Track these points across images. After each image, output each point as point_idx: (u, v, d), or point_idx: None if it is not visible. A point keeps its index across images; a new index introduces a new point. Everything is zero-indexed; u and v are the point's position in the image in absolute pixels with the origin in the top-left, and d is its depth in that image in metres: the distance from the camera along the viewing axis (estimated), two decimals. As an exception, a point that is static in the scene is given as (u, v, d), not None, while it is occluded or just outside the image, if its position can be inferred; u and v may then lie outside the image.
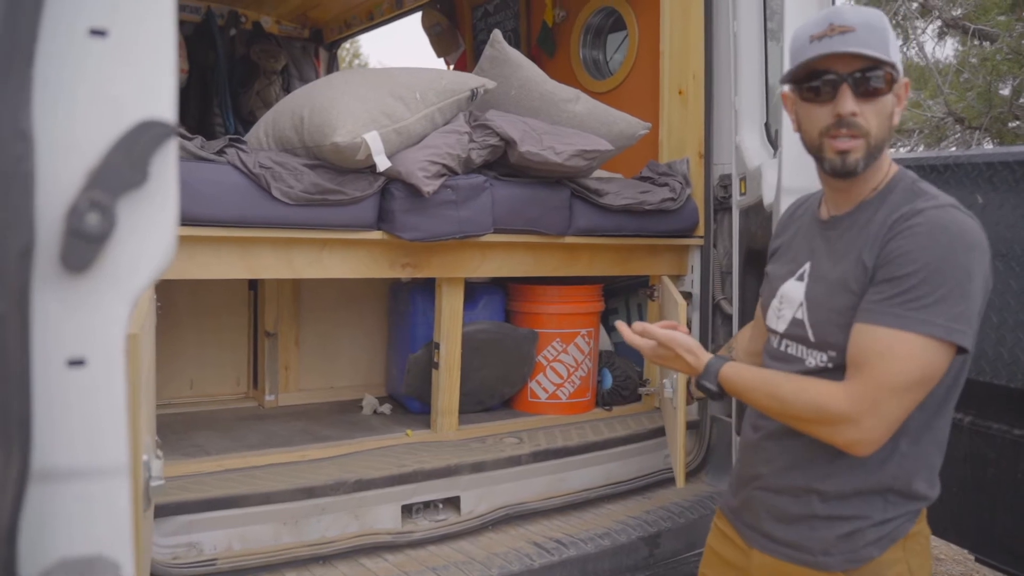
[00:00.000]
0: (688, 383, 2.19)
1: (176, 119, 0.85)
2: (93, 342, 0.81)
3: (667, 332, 1.67)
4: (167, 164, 0.83)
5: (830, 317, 1.51)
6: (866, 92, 1.45)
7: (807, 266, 1.60)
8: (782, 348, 1.63)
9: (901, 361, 1.35)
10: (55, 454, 0.81)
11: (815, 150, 1.52)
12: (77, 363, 0.80)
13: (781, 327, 1.63)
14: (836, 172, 1.50)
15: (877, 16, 1.47)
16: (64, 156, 0.80)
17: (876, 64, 1.43)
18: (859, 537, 1.47)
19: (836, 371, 1.47)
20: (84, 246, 0.78)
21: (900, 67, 1.47)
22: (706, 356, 1.62)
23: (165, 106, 0.84)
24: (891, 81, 1.46)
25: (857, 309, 1.44)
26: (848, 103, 1.44)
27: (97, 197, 0.78)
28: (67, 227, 0.77)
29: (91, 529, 0.86)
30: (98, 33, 0.81)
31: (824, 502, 1.50)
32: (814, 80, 1.47)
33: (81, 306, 0.80)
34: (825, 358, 1.52)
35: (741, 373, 1.56)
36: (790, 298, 1.62)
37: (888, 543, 1.47)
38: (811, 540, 1.51)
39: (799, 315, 1.58)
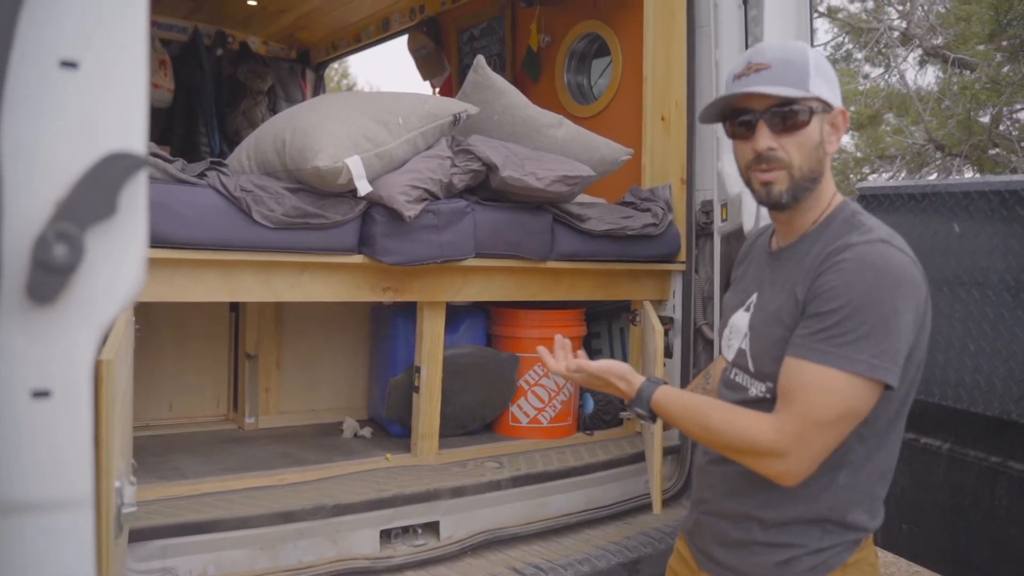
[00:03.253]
0: None
1: (147, 150, 0.85)
2: (58, 373, 0.81)
3: (600, 363, 1.67)
4: (136, 196, 0.83)
5: (766, 348, 1.54)
6: (785, 127, 1.47)
7: (754, 297, 1.63)
8: (731, 376, 1.65)
9: (825, 396, 1.37)
10: (18, 487, 0.81)
11: (745, 183, 1.56)
12: (42, 394, 0.80)
13: (730, 356, 1.67)
14: (763, 203, 1.55)
15: (798, 51, 1.49)
16: (32, 187, 0.80)
17: (792, 99, 1.45)
18: (795, 564, 1.49)
19: (775, 401, 1.49)
20: (50, 277, 0.77)
21: (832, 97, 1.49)
22: (639, 381, 1.62)
23: (136, 138, 0.84)
24: (813, 112, 1.48)
25: (787, 338, 1.47)
26: (763, 140, 1.47)
27: (65, 228, 0.77)
28: (34, 258, 0.77)
29: (54, 561, 0.86)
30: (69, 65, 0.81)
31: (763, 529, 1.52)
32: (735, 118, 1.52)
33: (46, 337, 0.79)
34: (764, 388, 1.55)
35: (673, 400, 1.57)
36: (738, 328, 1.65)
37: (824, 571, 1.48)
38: (751, 565, 1.54)
39: (743, 345, 1.61)
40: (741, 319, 1.65)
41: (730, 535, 1.58)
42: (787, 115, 1.47)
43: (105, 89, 0.83)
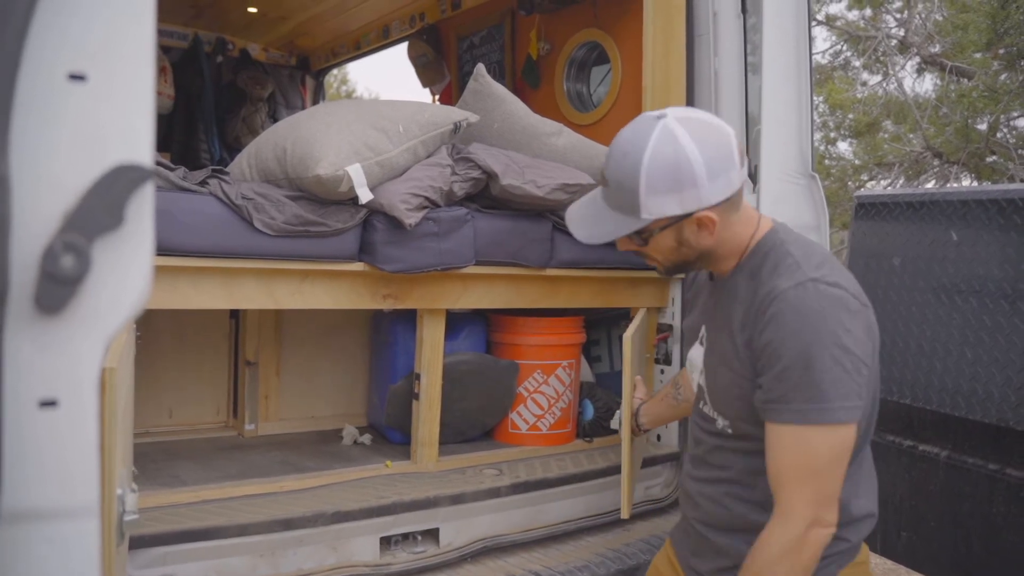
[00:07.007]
0: (633, 416, 2.24)
1: (153, 163, 0.86)
2: (65, 383, 0.81)
3: None
4: (143, 207, 0.83)
5: (719, 390, 1.59)
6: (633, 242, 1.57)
7: (704, 331, 1.67)
8: (700, 407, 1.71)
9: (810, 454, 1.41)
10: (25, 496, 0.81)
11: None
12: (49, 404, 0.81)
13: (694, 387, 1.74)
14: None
15: (630, 173, 1.46)
16: (41, 198, 0.81)
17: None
18: None
19: (735, 438, 1.56)
20: (58, 288, 0.78)
21: (677, 207, 1.46)
22: None
23: (143, 149, 0.85)
24: (652, 233, 1.51)
25: (737, 383, 1.51)
26: (620, 244, 1.57)
27: (72, 240, 0.78)
28: (42, 269, 0.78)
29: (60, 570, 0.86)
30: (77, 78, 0.82)
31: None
32: None
33: (53, 347, 0.80)
34: (722, 423, 1.60)
35: None
36: (695, 363, 1.71)
37: None
38: None
39: (701, 382, 1.67)
40: (697, 354, 1.69)
41: (709, 554, 1.66)
42: (630, 237, 1.53)
43: (112, 101, 0.84)
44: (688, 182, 1.43)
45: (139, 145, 0.85)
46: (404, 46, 5.08)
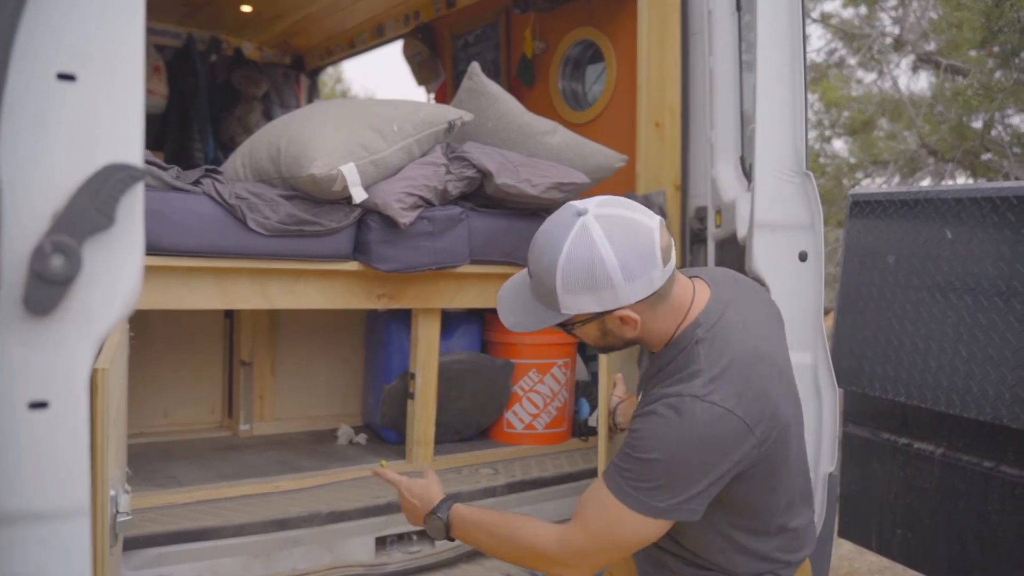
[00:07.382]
0: (611, 414, 2.25)
1: (143, 162, 0.86)
2: (56, 385, 0.81)
3: (394, 476, 1.86)
4: (134, 207, 0.83)
5: None
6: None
7: (643, 392, 1.70)
8: None
9: (615, 526, 1.48)
10: (16, 497, 0.81)
11: None
12: (39, 405, 0.80)
13: None
14: None
15: (548, 271, 1.48)
16: (30, 199, 0.80)
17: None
18: None
19: None
20: (48, 289, 0.78)
21: (596, 305, 1.48)
22: (439, 497, 1.75)
23: (132, 149, 0.85)
24: (575, 324, 1.55)
25: None
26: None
27: (62, 240, 0.78)
28: (31, 270, 0.77)
29: (53, 571, 0.86)
30: (67, 77, 0.81)
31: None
32: None
33: (43, 349, 0.80)
34: None
35: (471, 511, 1.69)
36: None
37: None
38: None
39: None
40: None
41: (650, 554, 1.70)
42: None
43: (102, 101, 0.84)
44: (603, 284, 1.44)
45: (129, 145, 0.85)
46: (399, 45, 5.07)
